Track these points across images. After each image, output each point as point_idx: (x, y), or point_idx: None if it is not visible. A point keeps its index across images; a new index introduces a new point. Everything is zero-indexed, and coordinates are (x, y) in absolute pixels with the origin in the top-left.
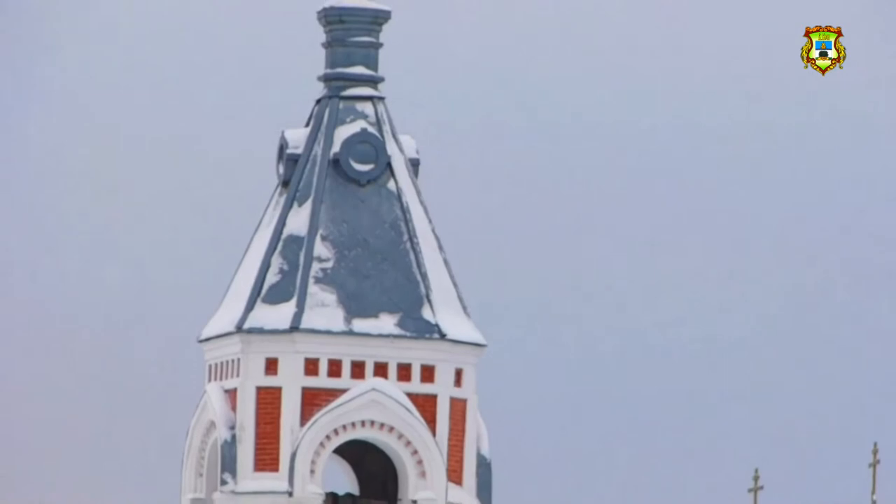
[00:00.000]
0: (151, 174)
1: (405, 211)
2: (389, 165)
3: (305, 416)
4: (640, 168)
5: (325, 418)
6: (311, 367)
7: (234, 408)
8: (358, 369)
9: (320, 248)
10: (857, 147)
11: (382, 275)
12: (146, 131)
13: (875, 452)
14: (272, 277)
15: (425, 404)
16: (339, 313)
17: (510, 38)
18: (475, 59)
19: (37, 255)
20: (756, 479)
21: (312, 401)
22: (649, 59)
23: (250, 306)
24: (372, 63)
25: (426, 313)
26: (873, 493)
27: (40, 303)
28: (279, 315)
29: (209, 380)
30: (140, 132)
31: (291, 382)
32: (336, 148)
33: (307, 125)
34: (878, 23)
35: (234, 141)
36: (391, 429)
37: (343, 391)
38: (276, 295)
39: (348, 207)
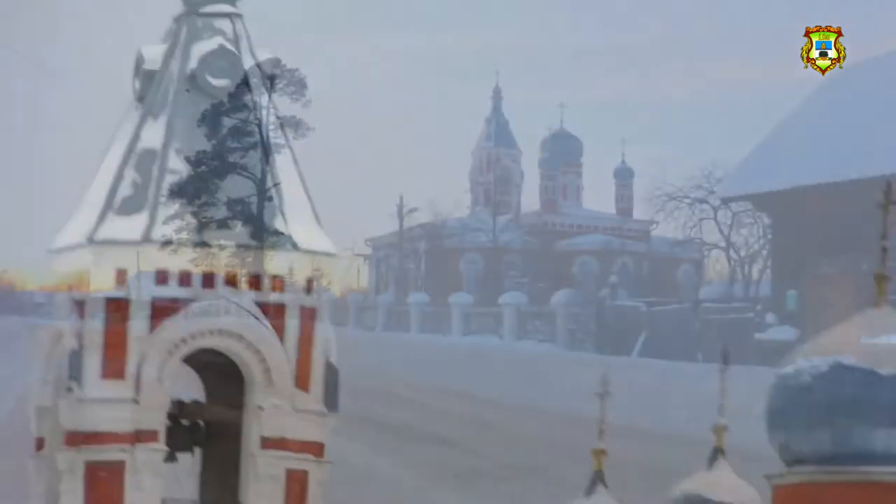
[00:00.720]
0: None
1: (260, 126)
2: (246, 81)
3: (154, 325)
4: None
5: (174, 327)
6: (161, 277)
7: (82, 317)
8: (208, 279)
9: (174, 161)
10: None
11: (235, 186)
12: None
13: None
14: (125, 190)
15: (275, 313)
16: (191, 224)
17: None
18: None
19: None
20: None
21: (162, 311)
22: None
23: (102, 218)
24: None
25: (278, 223)
26: None
27: None
28: (131, 226)
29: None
30: None
31: (141, 293)
32: (193, 64)
33: (165, 42)
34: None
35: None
36: (240, 337)
37: (193, 301)
38: (129, 207)
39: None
